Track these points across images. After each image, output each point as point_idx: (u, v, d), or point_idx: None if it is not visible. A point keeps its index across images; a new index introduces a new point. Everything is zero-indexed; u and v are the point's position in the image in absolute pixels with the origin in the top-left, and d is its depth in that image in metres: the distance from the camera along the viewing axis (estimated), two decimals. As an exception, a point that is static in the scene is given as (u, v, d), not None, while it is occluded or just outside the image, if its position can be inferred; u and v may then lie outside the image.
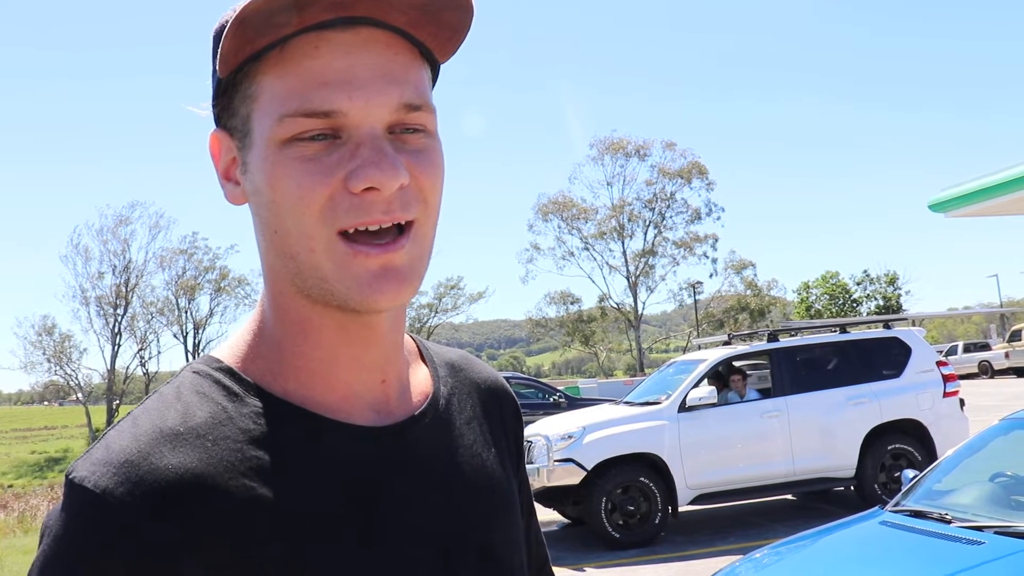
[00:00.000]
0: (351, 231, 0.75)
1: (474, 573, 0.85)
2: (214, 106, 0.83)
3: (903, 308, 52.08)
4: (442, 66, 0.85)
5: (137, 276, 51.82)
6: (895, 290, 56.56)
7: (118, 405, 51.50)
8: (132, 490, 0.71)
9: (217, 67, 0.77)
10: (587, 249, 50.34)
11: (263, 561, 0.73)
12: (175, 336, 55.04)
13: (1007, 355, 35.68)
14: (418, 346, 0.98)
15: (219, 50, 0.75)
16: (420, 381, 0.93)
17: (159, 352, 55.97)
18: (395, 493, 0.81)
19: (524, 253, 51.06)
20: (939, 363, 10.00)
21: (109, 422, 48.09)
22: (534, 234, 51.70)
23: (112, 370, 52.26)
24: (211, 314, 55.28)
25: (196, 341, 54.44)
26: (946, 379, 9.84)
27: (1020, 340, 36.50)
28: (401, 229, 0.77)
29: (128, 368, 54.67)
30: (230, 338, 0.87)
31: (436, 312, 57.59)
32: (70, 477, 0.74)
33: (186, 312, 54.82)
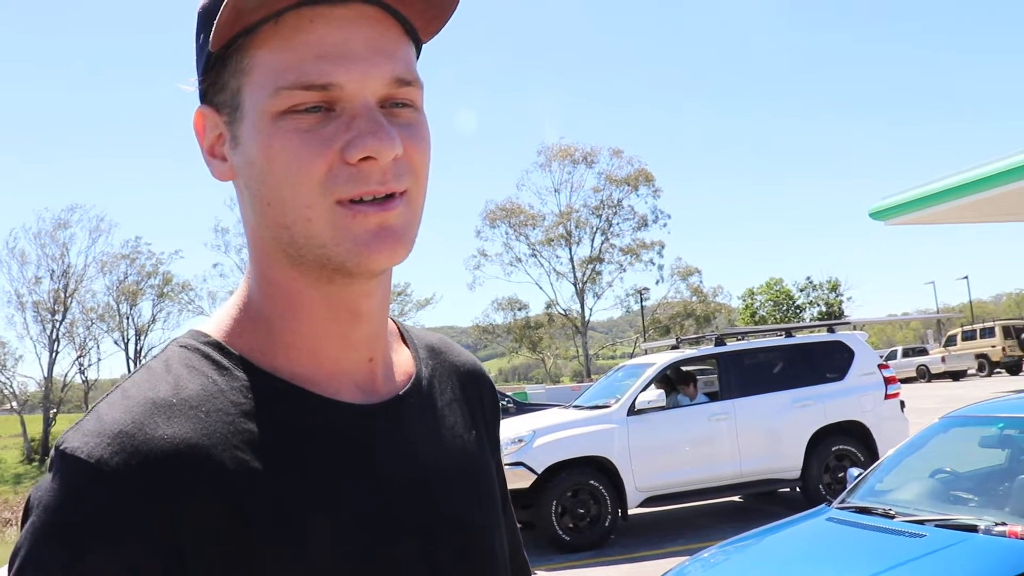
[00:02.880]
0: (348, 201, 0.77)
1: (455, 552, 0.86)
2: (200, 83, 0.83)
3: (845, 314, 53.10)
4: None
5: (76, 281, 50.67)
6: (837, 296, 57.70)
7: (55, 414, 50.26)
8: (127, 460, 0.71)
9: (209, 41, 0.77)
10: (534, 255, 50.48)
11: (259, 532, 0.73)
12: (116, 343, 53.89)
13: (943, 359, 36.60)
14: (399, 328, 1.00)
15: (212, 24, 0.75)
16: (403, 362, 0.94)
17: (99, 359, 54.84)
18: (379, 470, 0.83)
19: (472, 259, 51.02)
20: (880, 366, 10.24)
21: (46, 432, 47.00)
22: (482, 240, 51.76)
23: (49, 378, 50.99)
24: (153, 320, 54.26)
25: (138, 347, 53.36)
26: (887, 381, 10.08)
27: (955, 345, 37.50)
28: (393, 197, 0.79)
29: (66, 376, 53.38)
30: (216, 313, 0.87)
31: (383, 318, 57.22)
32: (61, 448, 0.73)
33: (127, 318, 53.75)
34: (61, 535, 0.69)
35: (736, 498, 10.64)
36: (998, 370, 35.70)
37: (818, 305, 57.51)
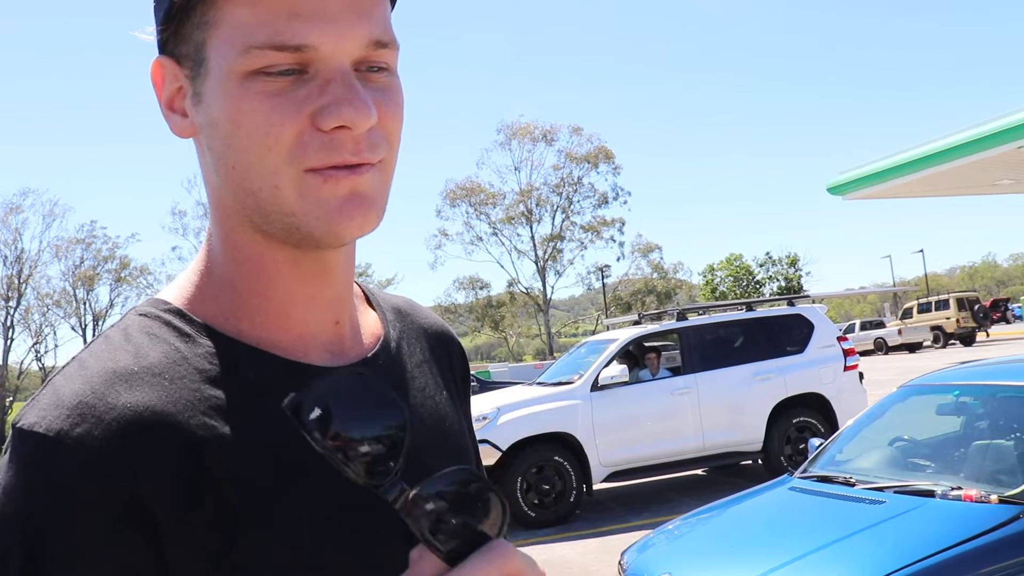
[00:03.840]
0: (315, 169, 0.73)
1: None
2: (160, 31, 0.77)
3: (804, 288, 53.75)
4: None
5: (31, 267, 49.80)
6: (796, 271, 58.37)
7: (11, 402, 49.50)
8: (89, 430, 0.68)
9: None
10: (495, 234, 50.44)
11: (229, 498, 0.71)
12: (73, 329, 53.11)
13: (900, 332, 37.22)
14: (364, 291, 0.97)
15: None
16: (370, 324, 0.92)
17: (56, 346, 53.89)
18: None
19: (432, 239, 50.80)
20: (839, 339, 10.40)
21: (1, 420, 46.31)
22: (442, 220, 51.48)
23: (4, 365, 50.20)
24: (111, 305, 53.51)
25: (96, 333, 52.65)
26: (846, 354, 10.24)
27: (912, 317, 38.13)
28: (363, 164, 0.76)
29: (22, 363, 52.63)
30: (176, 280, 0.84)
31: (345, 300, 56.93)
32: (18, 426, 0.70)
33: (84, 304, 52.97)
34: (22, 516, 0.66)
35: (699, 471, 10.77)
36: (952, 341, 36.39)
37: (777, 280, 58.15)
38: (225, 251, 0.81)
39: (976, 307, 37.37)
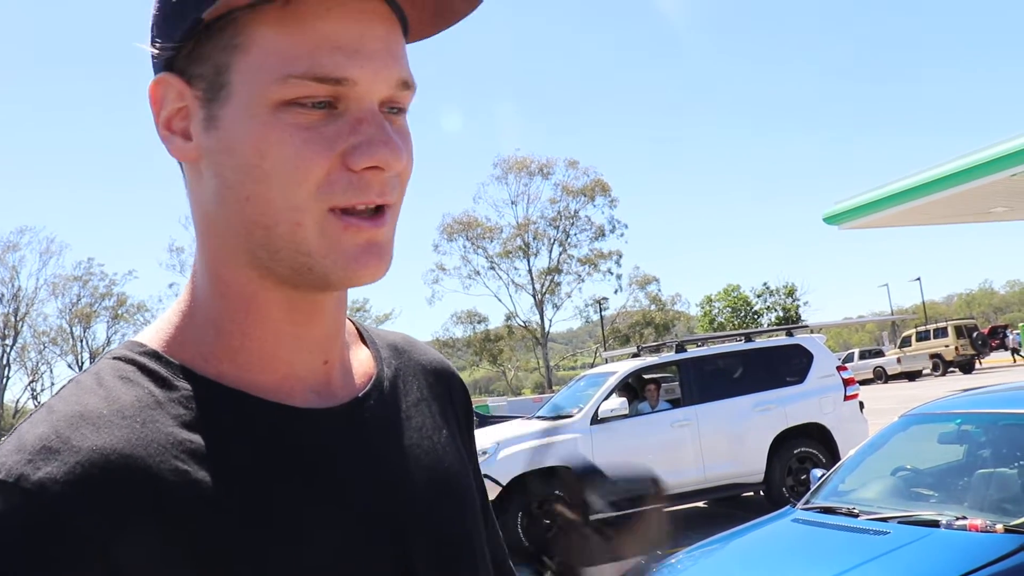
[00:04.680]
0: (340, 210, 0.71)
1: (430, 556, 0.80)
2: (171, 48, 0.73)
3: (802, 318, 53.77)
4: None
5: (27, 304, 49.85)
6: (794, 301, 58.37)
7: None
8: (51, 473, 0.64)
9: (198, 5, 0.69)
10: (493, 268, 50.50)
11: (200, 545, 0.67)
12: (69, 366, 53.00)
13: (899, 360, 37.20)
14: (357, 328, 0.94)
15: None
16: (362, 363, 0.88)
17: (52, 383, 53.80)
18: (340, 476, 0.77)
19: (430, 274, 50.87)
20: (839, 368, 10.38)
21: None
22: (439, 254, 51.54)
23: (0, 403, 50.02)
24: (108, 343, 53.44)
25: (92, 372, 52.47)
26: (846, 383, 10.21)
27: (910, 346, 38.14)
28: (383, 211, 0.74)
29: (18, 401, 52.44)
30: (156, 322, 0.80)
31: (342, 335, 56.80)
32: None
33: (81, 341, 52.94)
34: None
35: (701, 504, 10.69)
36: (952, 369, 36.36)
37: (775, 310, 58.16)
38: (211, 287, 0.78)
39: (975, 334, 37.39)
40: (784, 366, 10.24)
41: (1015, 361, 38.84)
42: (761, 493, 9.99)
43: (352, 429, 0.80)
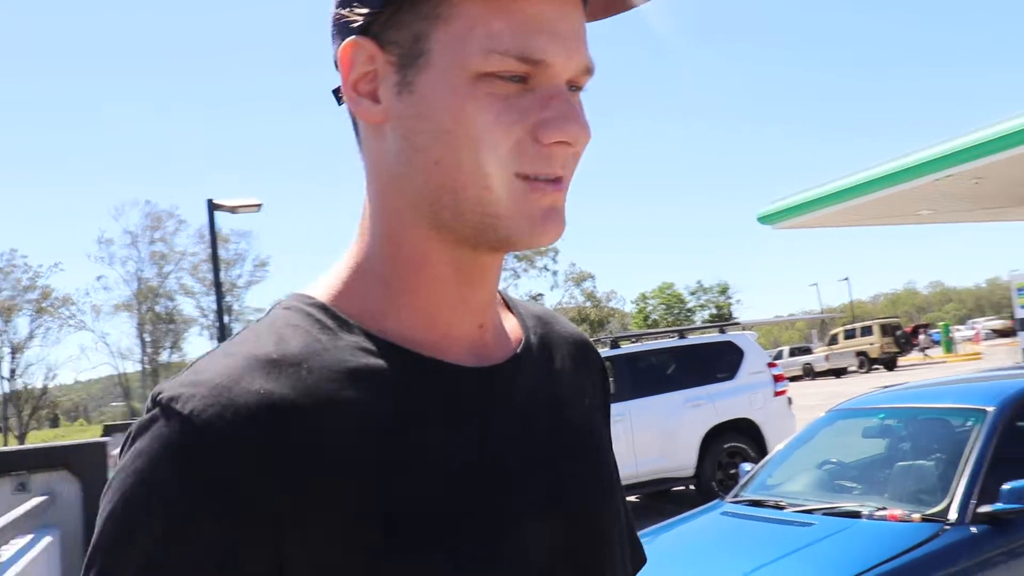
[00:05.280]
0: (525, 176, 0.75)
1: (572, 510, 0.83)
2: (371, 14, 0.75)
3: (734, 316, 54.65)
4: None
5: (-53, 297, 48.21)
6: (727, 299, 59.33)
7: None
8: (221, 413, 0.67)
9: None
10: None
11: (360, 498, 0.70)
12: (-9, 360, 51.43)
13: (827, 357, 38.10)
14: (503, 298, 0.97)
15: None
16: (511, 329, 0.91)
17: (-27, 378, 52.17)
18: (503, 432, 0.80)
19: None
20: (769, 364, 10.59)
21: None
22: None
23: (-81, 398, 48.38)
24: (31, 336, 51.94)
25: (13, 366, 51.05)
26: (776, 379, 10.43)
27: (838, 343, 39.05)
28: (561, 179, 0.78)
29: (-62, 396, 50.71)
30: (324, 276, 0.83)
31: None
32: (157, 397, 0.70)
33: (3, 334, 51.40)
34: (147, 488, 0.67)
35: (633, 498, 10.82)
36: (876, 366, 37.31)
37: (709, 308, 59.01)
38: (384, 245, 0.81)
39: (898, 333, 38.45)
40: (716, 362, 10.41)
41: (925, 358, 40.07)
42: (692, 487, 10.15)
43: (505, 389, 0.83)
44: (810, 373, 38.30)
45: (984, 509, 3.76)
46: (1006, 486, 3.74)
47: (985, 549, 3.66)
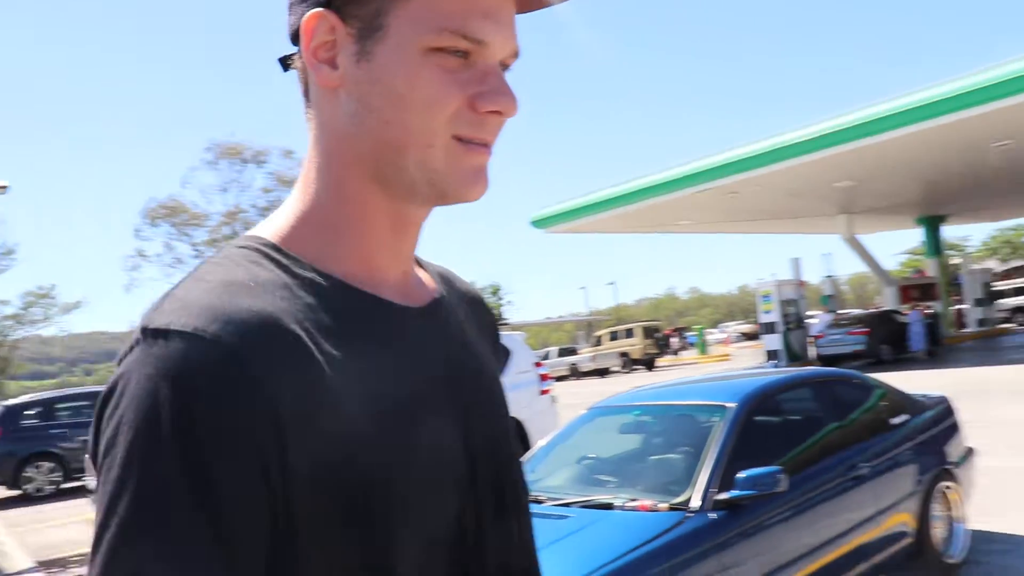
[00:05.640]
0: (461, 138, 0.86)
1: (485, 432, 0.97)
2: None
3: (504, 317, 55.93)
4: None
5: None
6: (498, 300, 60.65)
7: None
8: (224, 327, 0.75)
9: None
10: (198, 256, 48.14)
11: (328, 402, 0.79)
12: None
13: (593, 358, 39.81)
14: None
15: None
16: (423, 280, 1.03)
17: None
18: (429, 360, 0.92)
19: (129, 260, 47.64)
20: (536, 364, 10.94)
21: None
22: (141, 240, 48.46)
23: None
24: None
25: None
26: (541, 379, 10.79)
27: (602, 345, 40.89)
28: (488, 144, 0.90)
29: None
30: (271, 220, 0.92)
31: (24, 324, 51.87)
32: (151, 328, 0.76)
33: None
34: (168, 409, 0.72)
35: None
36: (637, 366, 39.39)
37: (482, 308, 60.00)
38: (334, 196, 0.90)
39: (657, 335, 40.77)
40: (486, 361, 10.62)
41: (677, 359, 42.84)
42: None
43: (429, 326, 0.96)
44: (576, 373, 39.86)
45: (722, 496, 4.06)
46: (741, 475, 4.07)
47: (723, 532, 3.96)
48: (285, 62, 0.94)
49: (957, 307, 34.98)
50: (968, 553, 5.94)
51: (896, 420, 5.77)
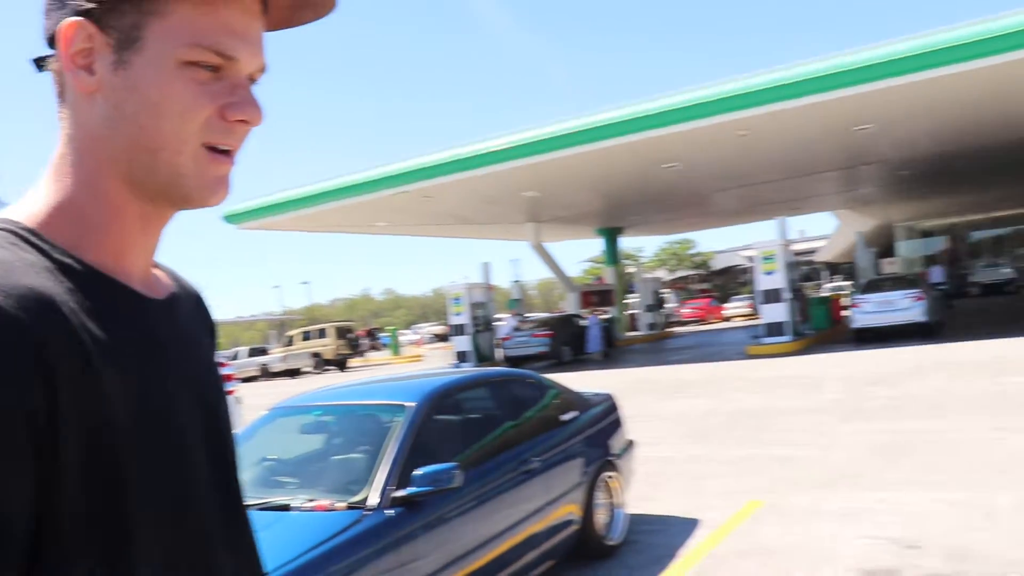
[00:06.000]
0: (209, 147, 0.95)
1: (217, 419, 1.07)
2: (95, 1, 0.91)
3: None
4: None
5: None
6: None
7: None
8: (5, 300, 0.81)
9: None
10: None
11: (99, 380, 0.86)
12: None
13: (284, 358, 38.96)
14: None
15: None
16: (159, 276, 1.10)
17: None
18: (174, 347, 1.01)
19: None
20: (220, 364, 10.55)
21: None
22: None
23: None
24: None
25: None
26: (225, 379, 10.41)
27: (294, 345, 40.19)
28: (231, 152, 0.98)
29: None
30: (23, 206, 0.95)
31: None
32: None
33: None
34: None
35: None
36: (330, 367, 39.16)
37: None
38: (84, 193, 0.95)
39: (350, 335, 40.73)
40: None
41: (365, 360, 43.25)
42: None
43: (169, 318, 1.04)
44: (267, 373, 38.85)
45: (400, 494, 4.15)
46: (418, 472, 4.17)
47: (401, 528, 4.04)
48: (39, 63, 0.98)
49: (631, 312, 38.08)
50: (627, 535, 6.50)
51: (566, 417, 6.18)
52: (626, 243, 50.97)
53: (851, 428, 10.23)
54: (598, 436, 6.44)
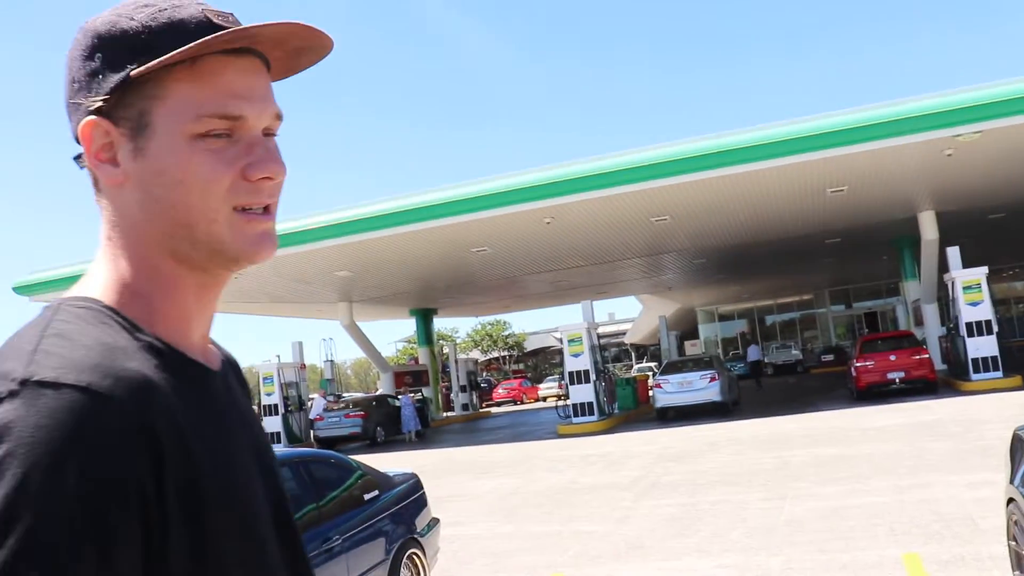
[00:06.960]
0: (241, 208, 0.96)
1: (277, 483, 1.09)
2: (102, 99, 0.94)
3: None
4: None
5: None
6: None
7: None
8: (116, 385, 0.82)
9: (128, 65, 0.93)
10: None
11: (194, 457, 0.88)
12: None
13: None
14: None
15: (122, 50, 0.93)
16: (211, 347, 1.11)
17: None
18: (234, 417, 1.03)
19: None
20: None
21: None
22: None
23: None
24: None
25: None
26: None
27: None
28: (270, 208, 1.00)
29: None
30: (88, 287, 0.97)
31: None
32: (35, 379, 0.79)
33: None
34: (61, 465, 0.76)
35: None
36: None
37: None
38: (140, 272, 0.98)
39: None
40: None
41: None
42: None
43: (226, 388, 1.06)
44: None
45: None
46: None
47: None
48: (79, 160, 1.01)
49: (446, 392, 38.22)
50: (428, 614, 6.58)
51: (369, 496, 6.28)
52: (441, 323, 51.34)
53: (648, 503, 10.74)
54: (402, 514, 6.56)
